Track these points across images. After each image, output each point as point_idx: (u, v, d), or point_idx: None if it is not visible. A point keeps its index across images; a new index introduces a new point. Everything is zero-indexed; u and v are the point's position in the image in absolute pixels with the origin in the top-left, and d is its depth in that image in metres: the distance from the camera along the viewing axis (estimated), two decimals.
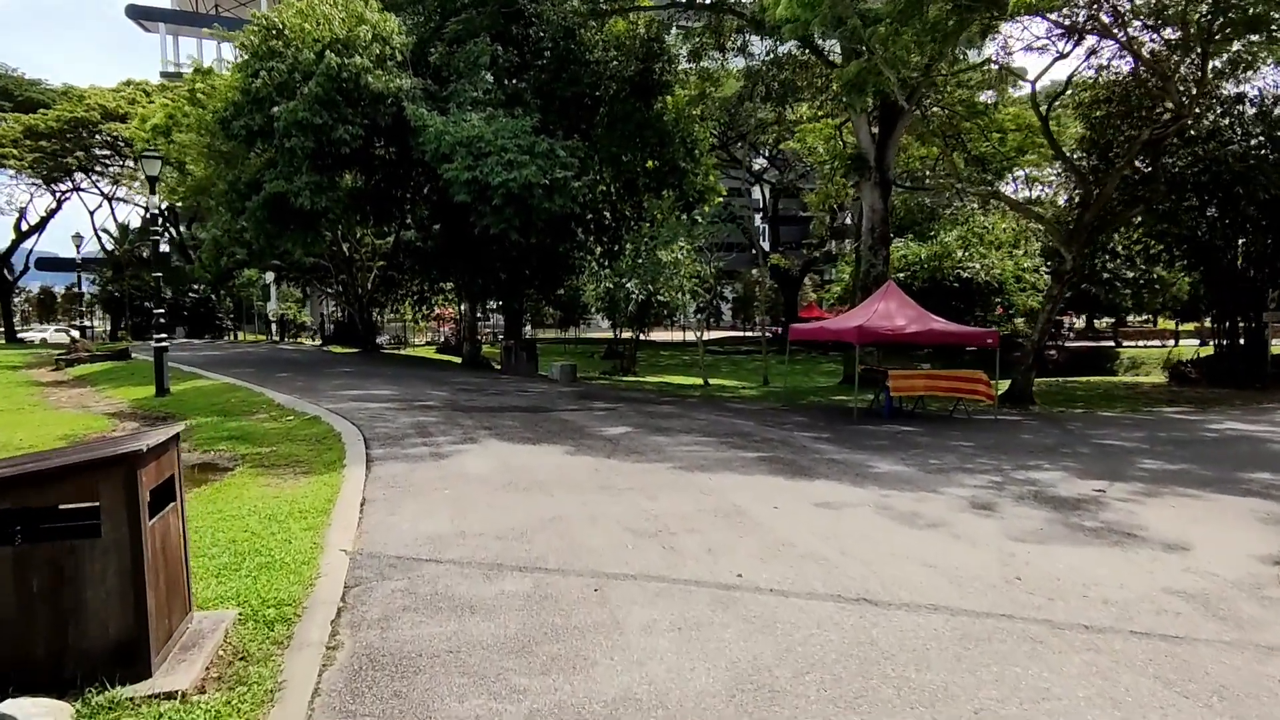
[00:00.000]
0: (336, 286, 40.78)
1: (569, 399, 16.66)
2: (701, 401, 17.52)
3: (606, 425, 12.62)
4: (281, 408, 13.84)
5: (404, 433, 11.30)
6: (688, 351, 52.15)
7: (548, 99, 24.94)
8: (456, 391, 17.30)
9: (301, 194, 21.27)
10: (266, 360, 26.74)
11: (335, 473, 8.64)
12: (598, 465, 9.25)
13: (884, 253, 22.97)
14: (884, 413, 15.01)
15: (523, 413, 13.97)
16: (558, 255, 28.41)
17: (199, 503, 7.53)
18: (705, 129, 27.82)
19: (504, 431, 11.65)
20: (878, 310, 14.68)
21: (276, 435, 11.20)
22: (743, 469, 9.23)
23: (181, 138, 29.06)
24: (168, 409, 14.25)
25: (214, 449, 10.47)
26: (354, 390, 16.74)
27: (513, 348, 24.75)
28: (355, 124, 21.50)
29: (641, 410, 14.88)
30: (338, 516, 6.84)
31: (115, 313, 55.80)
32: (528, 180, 20.44)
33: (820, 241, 58.11)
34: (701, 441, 11.21)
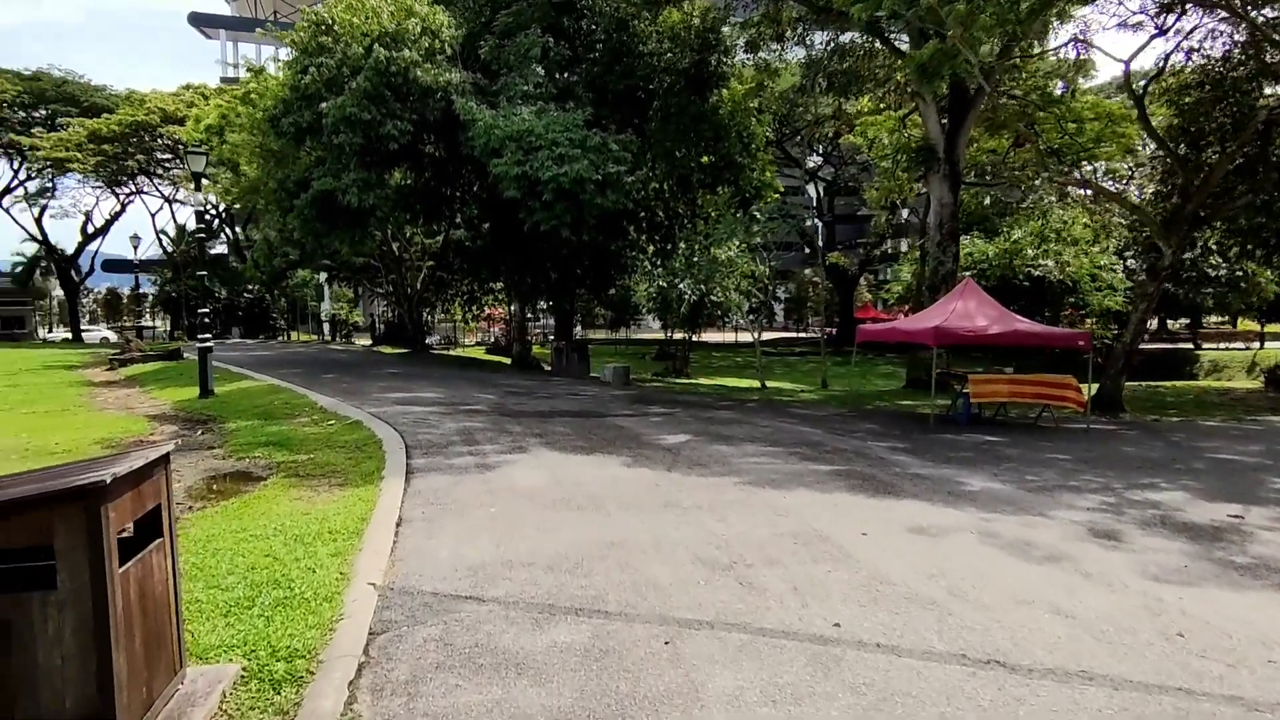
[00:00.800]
0: (386, 286, 40.69)
1: (623, 403, 15.84)
2: (762, 406, 16.55)
3: (664, 432, 11.76)
4: (323, 411, 13.27)
5: (448, 440, 10.58)
6: (740, 352, 51.09)
7: (600, 93, 24.20)
8: (505, 395, 16.61)
9: (349, 191, 20.84)
10: (314, 361, 26.48)
11: (372, 485, 7.93)
12: (658, 479, 8.39)
13: (953, 249, 21.71)
14: (962, 420, 13.89)
15: (575, 418, 13.18)
16: (609, 254, 27.65)
17: (224, 518, 6.87)
18: (762, 123, 26.78)
19: (555, 439, 10.86)
20: (955, 310, 13.56)
21: (315, 441, 10.57)
22: (818, 485, 8.28)
23: (235, 138, 28.98)
24: (210, 411, 13.80)
25: (250, 456, 9.87)
26: (399, 393, 16.15)
27: (563, 349, 24.05)
28: (404, 119, 21.00)
29: (700, 416, 13.98)
30: (370, 539, 6.08)
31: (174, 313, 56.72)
32: (579, 175, 19.71)
33: (877, 240, 56.49)
34: (768, 452, 10.28)
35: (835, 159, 53.61)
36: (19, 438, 11.07)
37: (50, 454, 9.97)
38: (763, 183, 27.34)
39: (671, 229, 29.75)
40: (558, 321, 29.16)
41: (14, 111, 49.71)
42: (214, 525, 6.66)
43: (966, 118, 21.54)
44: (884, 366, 42.69)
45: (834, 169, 54.52)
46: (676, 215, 29.96)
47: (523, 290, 27.45)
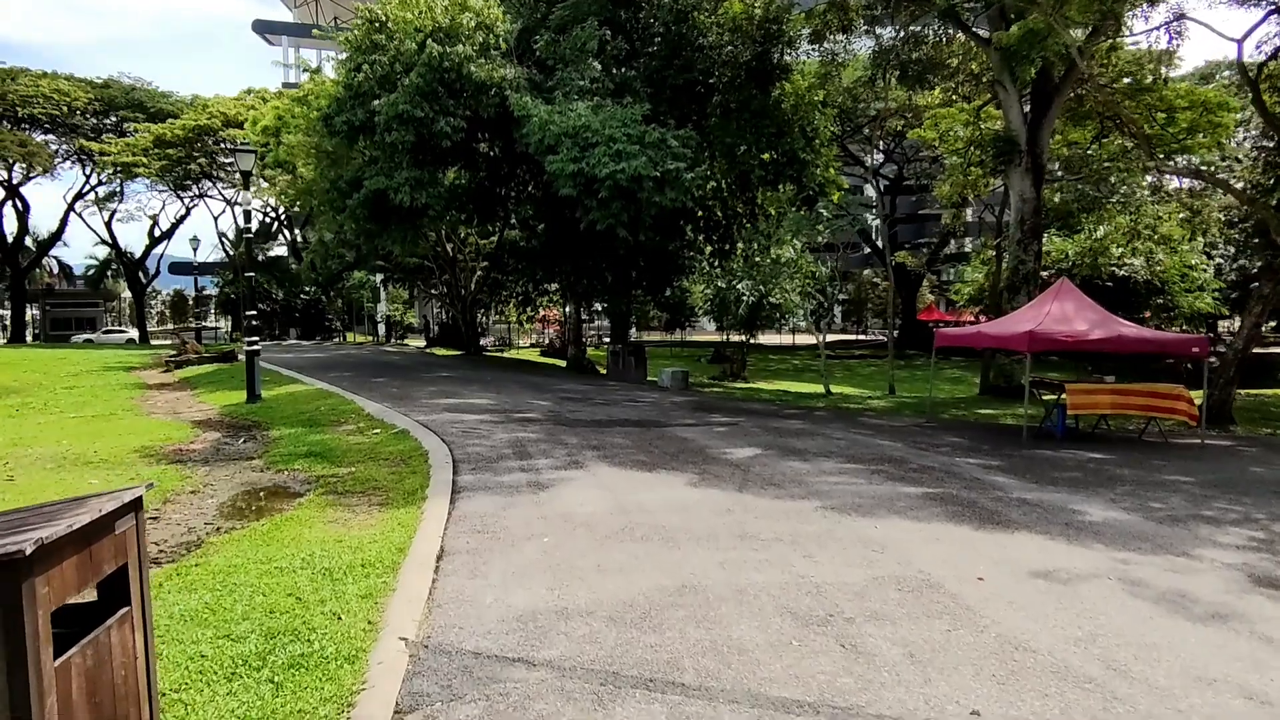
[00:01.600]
0: (441, 288, 40.48)
1: (684, 411, 14.96)
2: (831, 415, 15.51)
3: (731, 445, 10.85)
4: (370, 418, 12.67)
5: (499, 453, 9.83)
6: (798, 355, 49.80)
7: (658, 87, 23.39)
8: (560, 401, 15.87)
9: (401, 190, 20.39)
10: (366, 364, 26.15)
11: (414, 506, 7.19)
12: (730, 503, 7.50)
13: (1035, 247, 20.33)
14: (1057, 433, 12.67)
15: (634, 428, 12.35)
16: (667, 254, 26.82)
17: (251, 544, 6.19)
18: (826, 116, 25.63)
19: (614, 453, 10.04)
20: (1050, 313, 12.36)
21: (358, 453, 9.92)
22: (912, 512, 7.29)
23: (291, 139, 28.89)
24: (255, 417, 13.31)
25: (289, 468, 9.25)
26: (450, 399, 15.52)
27: (620, 352, 23.27)
28: (457, 116, 20.47)
29: (767, 426, 13.02)
30: (406, 577, 5.31)
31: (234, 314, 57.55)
32: (637, 172, 18.91)
33: (942, 239, 54.54)
34: (847, 470, 9.29)
35: (897, 156, 51.95)
36: (59, 445, 10.67)
37: (87, 463, 9.50)
38: (826, 179, 26.22)
39: (730, 229, 28.83)
40: (613, 324, 28.40)
41: (86, 119, 51.06)
42: (238, 552, 5.98)
43: (1051, 107, 20.16)
44: (950, 370, 41.07)
45: (897, 167, 52.82)
46: (735, 215, 29.01)
47: (578, 292, 26.76)
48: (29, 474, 8.86)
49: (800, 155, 24.61)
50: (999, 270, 24.37)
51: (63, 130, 50.37)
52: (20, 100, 47.47)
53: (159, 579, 5.46)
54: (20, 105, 47.57)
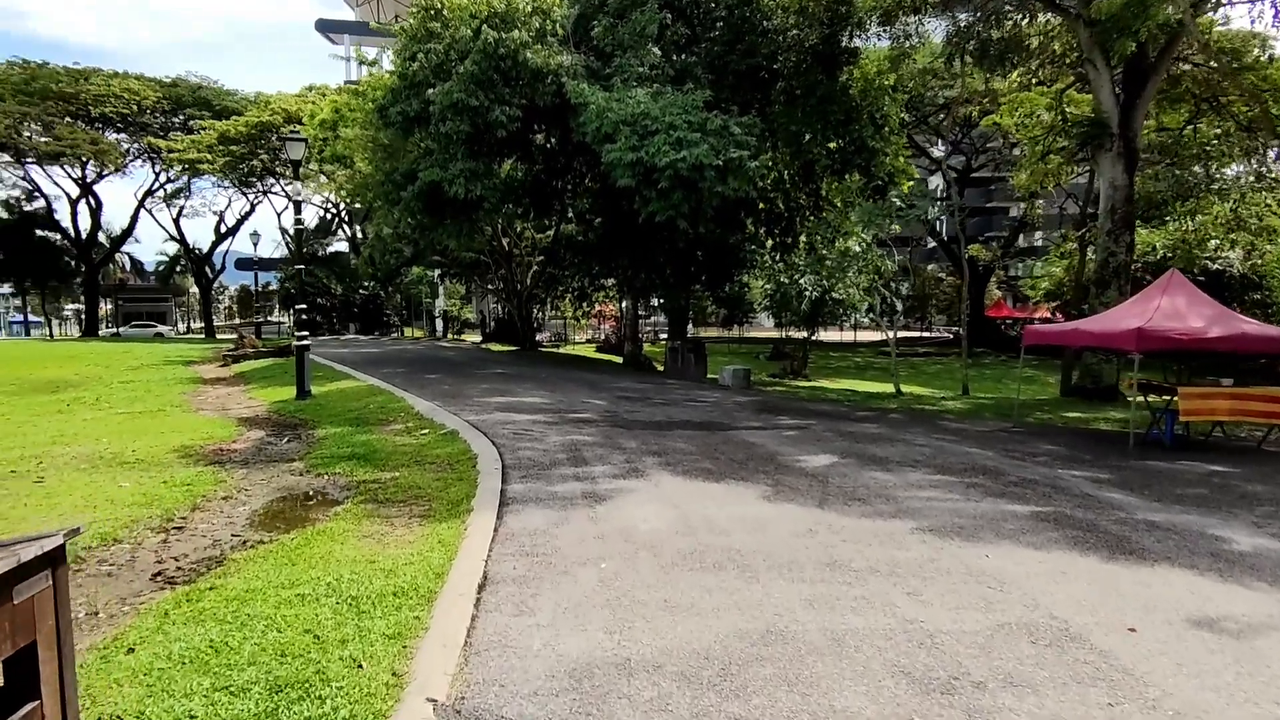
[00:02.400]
0: (497, 283, 40.14)
1: (749, 412, 14.05)
2: (907, 418, 14.42)
3: (804, 451, 9.92)
4: (420, 418, 12.07)
5: (552, 458, 9.08)
6: (860, 352, 48.32)
7: (720, 74, 22.45)
8: (617, 400, 15.10)
9: (456, 182, 19.83)
10: (420, 360, 25.78)
11: (458, 520, 6.47)
12: (812, 522, 6.61)
13: (1127, 238, 18.85)
14: (1166, 440, 11.44)
15: (696, 431, 11.50)
16: (727, 247, 25.89)
17: (275, 562, 5.54)
18: (897, 103, 24.35)
19: (676, 459, 9.21)
20: (1160, 308, 11.12)
21: (404, 456, 9.28)
22: (1025, 537, 6.30)
23: (348, 133, 28.70)
24: (303, 415, 12.84)
25: (330, 472, 8.65)
26: (503, 397, 14.87)
27: (679, 349, 22.42)
28: (512, 105, 19.84)
29: (840, 430, 12.04)
30: (442, 612, 4.57)
31: None
32: (698, 161, 18.04)
33: (1013, 233, 52.37)
34: (938, 482, 8.31)
35: (965, 147, 49.99)
36: (99, 443, 10.29)
37: (122, 463, 9.05)
38: (896, 168, 24.96)
39: (792, 221, 27.75)
40: (671, 320, 27.56)
41: (155, 117, 52.17)
42: (260, 573, 5.33)
43: (1146, 86, 18.67)
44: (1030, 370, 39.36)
45: (965, 158, 50.83)
46: (798, 207, 27.91)
47: (636, 286, 25.98)
48: (60, 475, 8.42)
49: (869, 143, 23.42)
50: (1082, 263, 22.83)
51: (133, 129, 51.55)
52: (92, 100, 48.65)
53: (167, 606, 4.82)
54: (92, 104, 48.76)
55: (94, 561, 5.86)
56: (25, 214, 54.79)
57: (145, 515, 6.91)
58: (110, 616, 4.86)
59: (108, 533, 6.39)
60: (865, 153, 23.41)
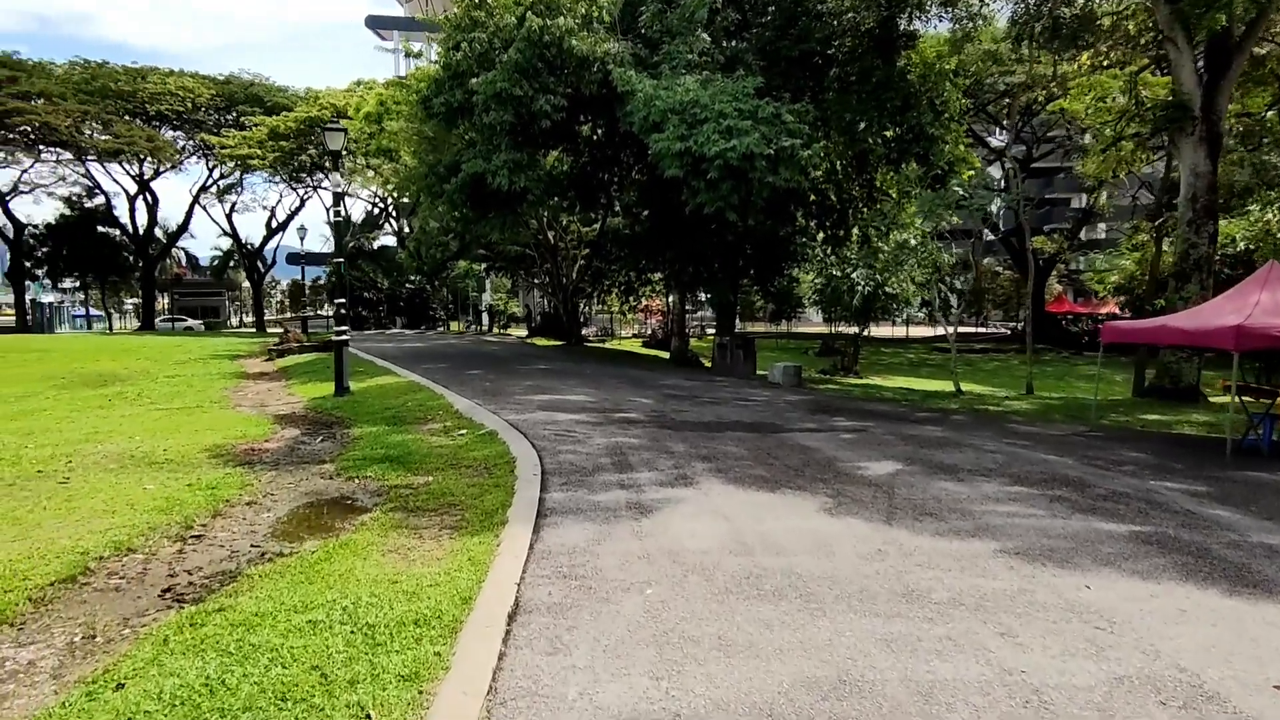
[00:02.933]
0: (542, 277, 39.83)
1: (802, 412, 13.34)
2: (972, 420, 13.57)
3: (865, 458, 9.21)
4: (458, 416, 11.62)
5: (595, 463, 8.52)
6: (912, 348, 47.06)
7: (771, 60, 21.66)
8: (664, 398, 14.50)
9: (499, 173, 19.40)
10: (463, 355, 25.46)
11: (491, 534, 5.95)
12: (879, 539, 5.94)
13: (1210, 228, 17.65)
14: (1264, 447, 10.47)
15: (748, 433, 10.85)
16: (777, 240, 25.08)
17: (291, 581, 5.07)
18: (958, 88, 23.29)
19: (727, 464, 8.58)
20: (1260, 304, 10.15)
21: (439, 459, 8.81)
22: (1127, 563, 5.55)
23: (393, 125, 28.59)
24: (340, 412, 12.49)
25: (361, 475, 8.21)
26: (546, 394, 14.37)
27: (728, 345, 21.72)
28: (557, 94, 19.33)
29: (902, 433, 11.29)
30: (466, 647, 4.03)
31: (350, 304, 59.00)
32: (749, 150, 17.33)
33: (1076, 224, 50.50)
34: (1017, 494, 7.55)
35: (1025, 136, 48.30)
36: (132, 441, 10.02)
37: (151, 463, 8.74)
38: (956, 157, 23.89)
39: (845, 213, 26.83)
40: (719, 314, 26.86)
41: (208, 114, 52.98)
42: (273, 592, 4.86)
43: (1230, 67, 17.44)
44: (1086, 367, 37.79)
45: (1025, 147, 49.09)
46: (851, 198, 26.99)
47: (683, 280, 25.32)
48: (86, 475, 8.12)
49: (928, 130, 22.39)
50: (1157, 256, 21.56)
51: (188, 125, 52.42)
52: (149, 98, 49.53)
53: (168, 631, 4.37)
54: (149, 102, 49.64)
55: (103, 574, 5.46)
56: (86, 210, 56.16)
57: (164, 522, 6.52)
58: (108, 641, 4.43)
59: (123, 541, 6.00)
60: (924, 140, 22.39)
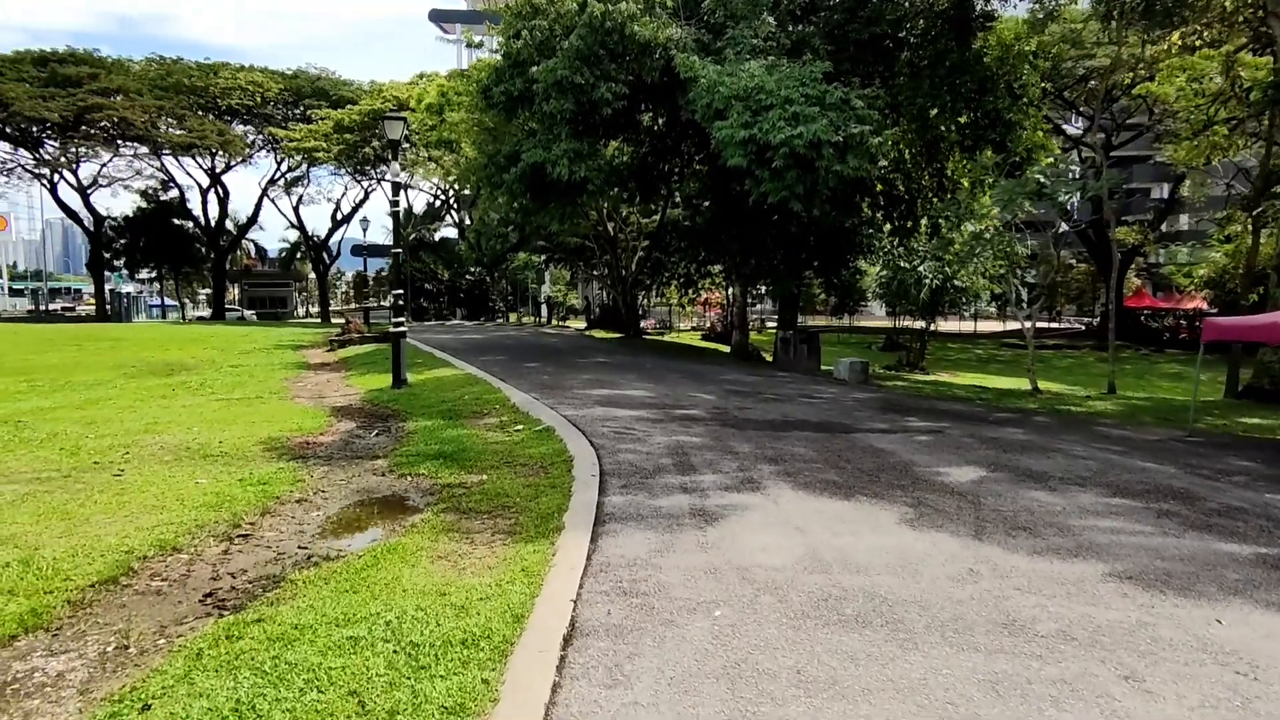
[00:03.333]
0: (601, 269, 39.54)
1: (871, 411, 12.71)
2: (1056, 422, 12.77)
3: (943, 462, 8.60)
4: (515, 411, 11.32)
5: (656, 464, 8.10)
6: (980, 344, 45.59)
7: (839, 44, 20.89)
8: (726, 394, 14.01)
9: (560, 163, 19.08)
10: (522, 347, 25.29)
11: (546, 541, 5.57)
12: (970, 558, 5.39)
13: None
14: None
15: (815, 433, 10.30)
16: (843, 231, 24.26)
17: (335, 588, 4.78)
18: (1037, 70, 22.15)
19: (796, 468, 8.07)
20: None
21: (494, 456, 8.49)
22: (1259, 592, 4.90)
23: (454, 116, 28.53)
24: (396, 405, 12.31)
25: (414, 472, 7.93)
26: (604, 389, 14.01)
27: (791, 339, 21.08)
28: (618, 82, 18.93)
29: (981, 435, 10.60)
30: (516, 677, 3.64)
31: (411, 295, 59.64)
32: (816, 137, 16.70)
33: (1159, 215, 48.18)
34: (1118, 508, 6.89)
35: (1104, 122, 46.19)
36: (190, 432, 9.95)
37: (206, 455, 8.62)
38: (1034, 144, 22.76)
39: (913, 204, 25.88)
40: (782, 307, 26.16)
41: (277, 108, 54.02)
42: (315, 602, 4.57)
43: None
44: (1166, 365, 36.12)
45: (1104, 135, 46.95)
46: (919, 188, 26.02)
47: (744, 273, 24.71)
48: (141, 468, 8.01)
49: (1005, 115, 21.36)
50: (1255, 248, 20.20)
51: (257, 120, 53.53)
52: (220, 92, 50.70)
53: (202, 644, 4.09)
54: (220, 97, 50.82)
55: (146, 575, 5.25)
56: (161, 203, 57.87)
57: (212, 520, 6.31)
58: (141, 653, 4.17)
59: (168, 540, 5.80)
60: (1001, 126, 21.37)
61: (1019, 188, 16.24)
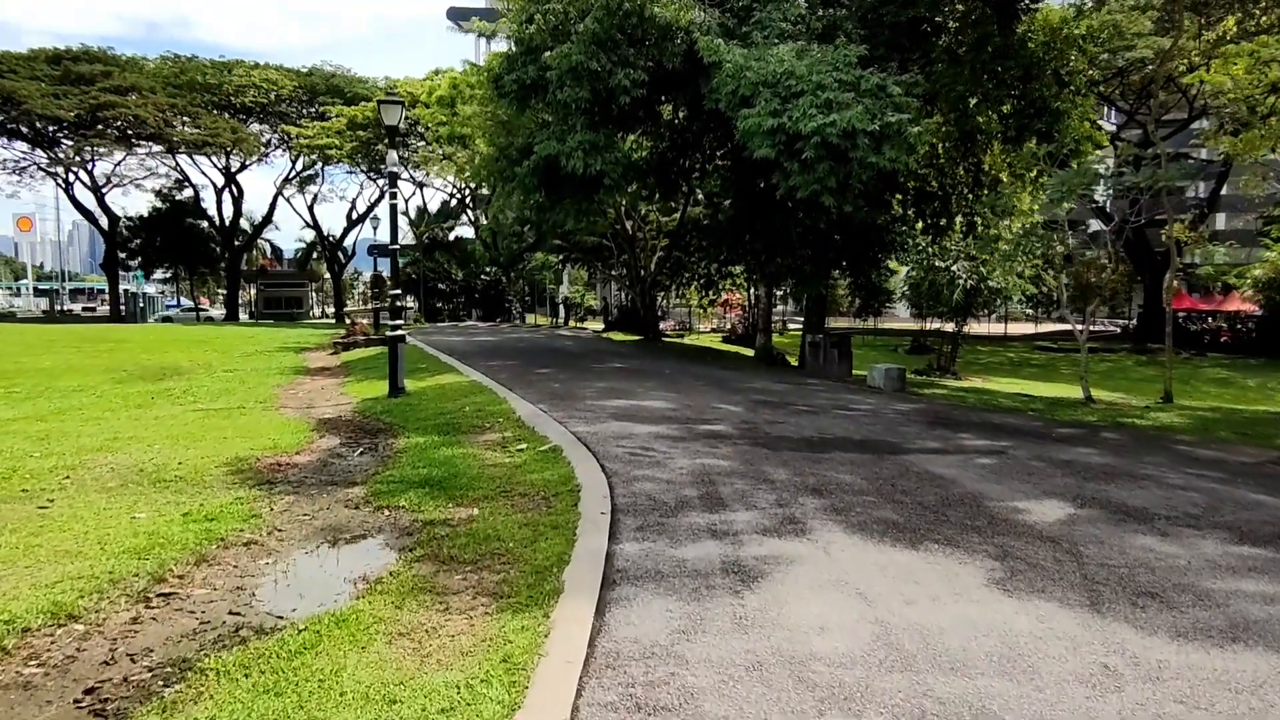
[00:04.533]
0: (620, 269, 38.33)
1: (918, 426, 11.37)
2: (1129, 439, 11.35)
3: (1017, 493, 7.27)
4: (519, 425, 10.10)
5: (678, 495, 6.83)
6: (1011, 347, 43.92)
7: (873, 28, 19.53)
8: (754, 405, 12.71)
9: (574, 156, 17.88)
10: (535, 350, 24.07)
11: (539, 612, 4.33)
12: (1100, 648, 4.07)
13: None
14: None
15: (860, 454, 8.99)
16: (875, 229, 22.91)
17: (254, 684, 3.57)
18: (1086, 55, 20.67)
19: (844, 501, 6.78)
20: None
21: (489, 483, 7.27)
22: None
23: (466, 110, 27.42)
24: (389, 418, 11.12)
25: (393, 504, 6.72)
26: (620, 399, 12.74)
27: (820, 343, 19.72)
28: (637, 68, 17.69)
29: (1049, 456, 9.24)
30: None
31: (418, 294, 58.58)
32: (850, 126, 15.40)
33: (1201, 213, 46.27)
34: (1253, 561, 5.52)
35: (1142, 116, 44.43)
36: (150, 450, 8.81)
37: (157, 481, 7.46)
38: (1082, 135, 21.26)
39: (947, 200, 24.47)
40: (809, 309, 24.81)
41: (291, 106, 53.30)
42: (220, 711, 3.35)
43: None
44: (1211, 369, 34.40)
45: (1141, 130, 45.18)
46: (954, 184, 24.61)
47: (769, 272, 23.37)
48: (77, 497, 6.86)
49: (1052, 104, 19.91)
50: None
51: (271, 118, 52.84)
52: (234, 90, 50.05)
53: None
54: (234, 95, 50.17)
55: (20, 659, 4.06)
56: (176, 203, 57.36)
57: (132, 572, 5.12)
58: None
59: (65, 604, 4.61)
60: (1048, 115, 19.90)
61: (1078, 178, 14.75)
